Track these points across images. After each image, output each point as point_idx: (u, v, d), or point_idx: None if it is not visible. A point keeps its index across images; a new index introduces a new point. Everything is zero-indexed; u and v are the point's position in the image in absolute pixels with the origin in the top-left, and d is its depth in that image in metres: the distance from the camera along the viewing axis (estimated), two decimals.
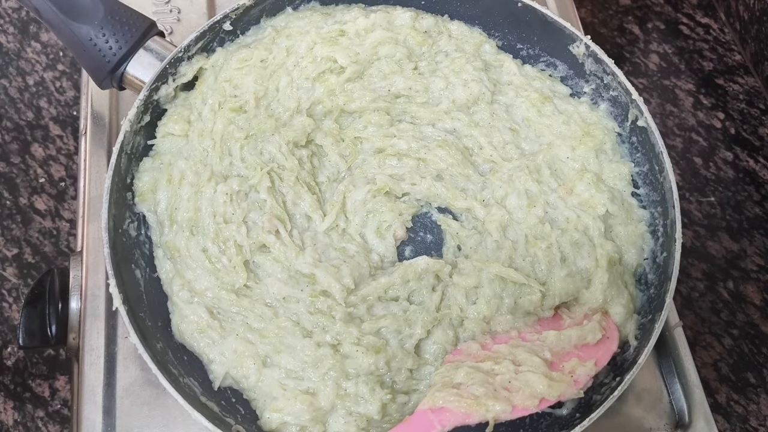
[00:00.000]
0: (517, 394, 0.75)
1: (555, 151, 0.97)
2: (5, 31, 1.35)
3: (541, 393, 0.76)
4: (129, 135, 0.90)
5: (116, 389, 0.89)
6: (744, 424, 1.10)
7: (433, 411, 0.74)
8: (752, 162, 1.32)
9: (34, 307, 0.93)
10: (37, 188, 1.23)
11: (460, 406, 0.73)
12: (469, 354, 0.81)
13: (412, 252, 0.95)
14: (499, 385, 0.76)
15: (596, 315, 0.86)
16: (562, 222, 0.93)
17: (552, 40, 1.01)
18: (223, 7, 0.99)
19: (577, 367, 0.80)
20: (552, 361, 0.80)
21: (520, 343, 0.82)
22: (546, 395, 0.76)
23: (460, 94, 0.99)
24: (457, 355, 0.82)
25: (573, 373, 0.79)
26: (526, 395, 0.75)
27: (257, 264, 0.89)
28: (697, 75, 1.41)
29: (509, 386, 0.76)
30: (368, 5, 1.04)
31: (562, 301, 0.89)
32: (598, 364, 0.81)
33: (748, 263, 1.22)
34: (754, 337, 1.16)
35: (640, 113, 0.94)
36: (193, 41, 0.95)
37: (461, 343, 0.84)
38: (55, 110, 1.29)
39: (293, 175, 0.92)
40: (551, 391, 0.76)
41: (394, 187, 0.95)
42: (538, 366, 0.78)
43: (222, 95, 0.94)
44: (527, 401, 0.75)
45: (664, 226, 0.91)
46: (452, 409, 0.73)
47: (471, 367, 0.78)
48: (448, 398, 0.74)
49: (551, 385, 0.76)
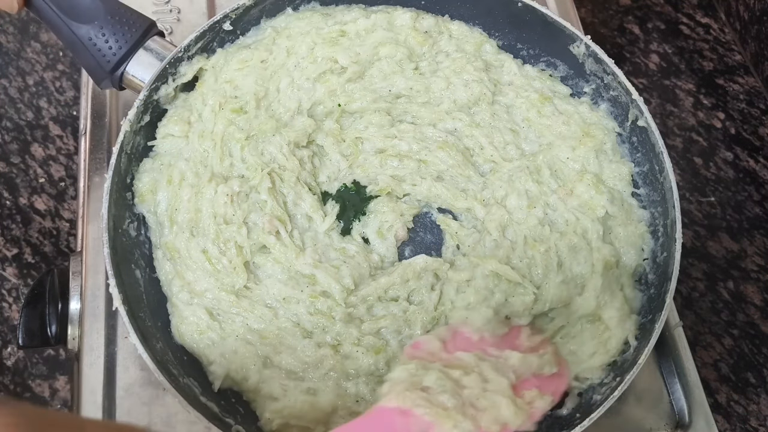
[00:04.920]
0: (483, 415, 0.70)
1: (555, 152, 0.97)
2: (5, 31, 1.35)
3: (506, 419, 0.71)
4: (129, 135, 0.90)
5: (116, 389, 0.89)
6: (744, 424, 1.10)
7: (398, 411, 0.68)
8: (752, 162, 1.32)
9: (34, 307, 0.93)
10: (37, 188, 1.22)
11: (428, 414, 0.67)
12: (431, 352, 0.76)
13: (411, 252, 0.95)
14: (467, 400, 0.70)
15: (551, 347, 0.83)
16: (561, 224, 0.93)
17: (552, 40, 1.01)
18: (223, 7, 0.98)
19: (537, 398, 0.75)
20: (514, 384, 0.75)
21: (485, 357, 0.77)
22: (510, 423, 0.71)
23: (461, 95, 0.99)
24: (417, 350, 0.77)
25: (532, 404, 0.74)
26: (491, 418, 0.70)
27: (257, 265, 0.89)
28: (698, 75, 1.41)
29: (477, 403, 0.71)
30: (368, 6, 1.04)
31: (552, 308, 0.89)
32: (555, 398, 0.77)
33: (749, 263, 1.22)
34: (755, 337, 1.16)
35: (641, 113, 0.94)
36: (193, 41, 0.95)
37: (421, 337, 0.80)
38: (55, 110, 1.29)
39: (294, 175, 0.92)
40: (515, 419, 0.71)
41: (396, 188, 0.95)
42: (505, 389, 0.73)
43: (222, 96, 0.94)
44: (492, 425, 0.70)
45: (664, 226, 0.91)
46: (419, 415, 0.67)
47: (441, 372, 0.72)
48: (418, 402, 0.68)
49: (516, 412, 0.72)
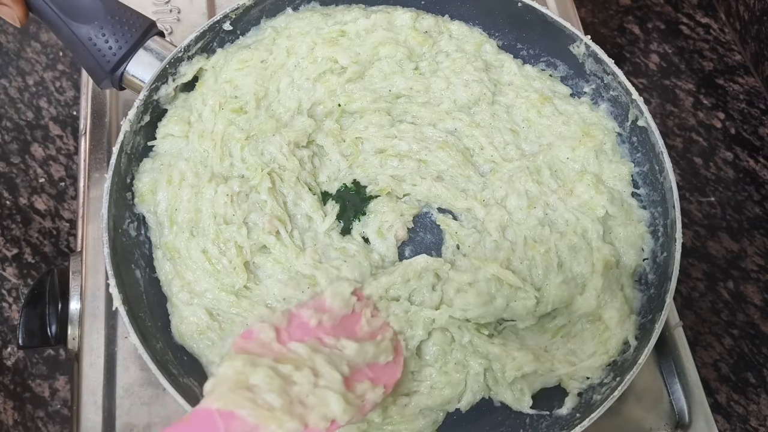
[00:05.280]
0: (311, 412, 0.70)
1: (555, 152, 0.97)
2: (5, 31, 1.35)
3: (334, 415, 0.71)
4: (129, 135, 0.90)
5: (116, 389, 0.90)
6: (744, 424, 1.10)
7: (220, 413, 0.66)
8: (752, 162, 1.32)
9: (34, 307, 0.93)
10: (37, 188, 1.23)
11: (252, 416, 0.66)
12: (263, 343, 0.74)
13: (411, 252, 0.95)
14: (296, 398, 0.70)
15: (388, 333, 0.83)
16: (561, 224, 0.93)
17: (552, 40, 1.01)
18: (223, 7, 0.99)
19: (369, 391, 0.76)
20: (347, 377, 0.75)
21: (320, 347, 0.76)
22: (338, 418, 0.71)
23: (461, 95, 0.99)
24: (248, 341, 0.74)
25: (363, 397, 0.75)
26: (319, 415, 0.70)
27: (257, 265, 0.89)
28: (698, 75, 1.41)
29: (306, 401, 0.70)
30: (368, 6, 1.04)
31: (554, 308, 0.89)
32: (386, 390, 0.78)
33: (748, 263, 1.22)
34: (754, 337, 1.16)
35: (641, 113, 0.94)
36: (193, 41, 0.95)
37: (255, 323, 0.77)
38: (55, 110, 1.29)
39: (294, 175, 0.92)
40: (344, 415, 0.71)
41: (396, 187, 0.95)
42: (337, 383, 0.73)
43: (222, 96, 0.94)
44: (320, 422, 0.70)
45: (664, 226, 0.91)
46: (242, 417, 0.66)
47: (270, 368, 0.71)
48: (243, 403, 0.67)
49: (345, 409, 0.72)
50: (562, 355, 0.87)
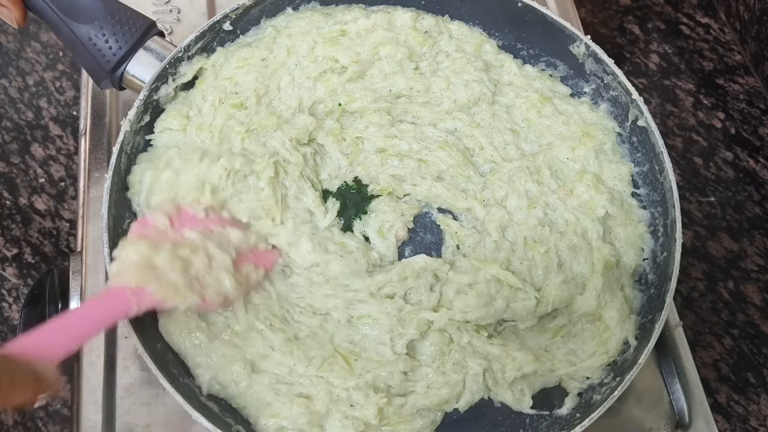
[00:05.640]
0: (208, 289, 0.80)
1: (555, 152, 0.97)
2: (5, 31, 1.35)
3: (227, 291, 0.82)
4: (129, 135, 0.90)
5: (116, 389, 0.89)
6: (744, 424, 1.10)
7: (132, 290, 0.75)
8: (752, 162, 1.32)
9: (34, 307, 0.93)
10: (37, 188, 1.22)
11: (159, 292, 0.76)
12: (159, 230, 0.82)
13: (411, 252, 0.95)
14: (194, 277, 0.80)
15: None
16: (561, 225, 0.93)
17: (552, 40, 1.01)
18: (223, 7, 0.98)
19: (252, 272, 0.85)
20: (234, 260, 0.84)
21: (210, 234, 0.84)
22: (230, 294, 0.82)
23: (462, 95, 0.99)
24: (144, 227, 0.82)
25: (248, 276, 0.85)
26: (215, 291, 0.81)
27: None
28: (698, 75, 1.41)
29: (202, 279, 0.80)
30: (368, 5, 1.04)
31: (555, 308, 0.89)
32: (267, 270, 0.88)
33: (748, 263, 1.22)
34: (754, 337, 1.16)
35: (641, 113, 0.94)
36: (193, 41, 0.95)
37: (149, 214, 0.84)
38: (55, 110, 1.29)
39: (298, 169, 0.91)
40: (235, 291, 0.82)
41: (396, 187, 0.95)
42: (228, 265, 0.83)
43: (222, 92, 0.94)
44: (215, 297, 0.81)
45: (664, 226, 0.91)
46: (150, 293, 0.76)
47: (170, 251, 0.79)
48: (151, 282, 0.76)
49: (236, 286, 0.82)
50: (563, 355, 0.87)
